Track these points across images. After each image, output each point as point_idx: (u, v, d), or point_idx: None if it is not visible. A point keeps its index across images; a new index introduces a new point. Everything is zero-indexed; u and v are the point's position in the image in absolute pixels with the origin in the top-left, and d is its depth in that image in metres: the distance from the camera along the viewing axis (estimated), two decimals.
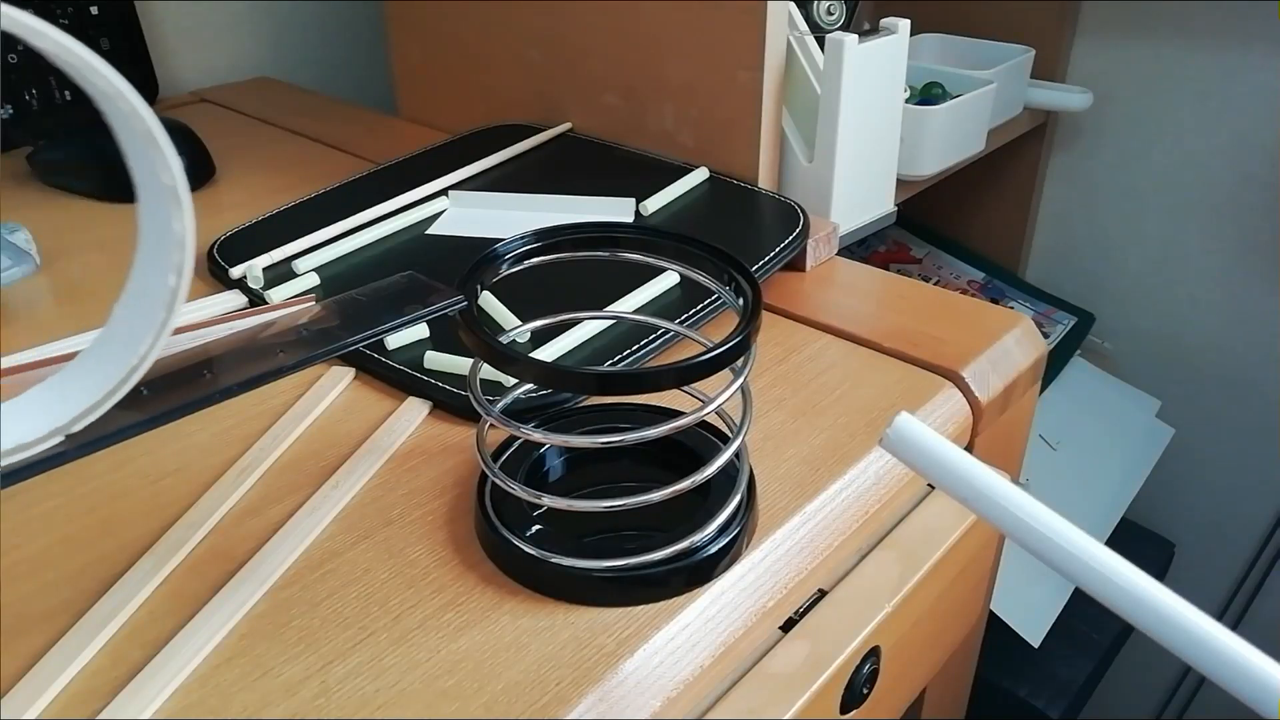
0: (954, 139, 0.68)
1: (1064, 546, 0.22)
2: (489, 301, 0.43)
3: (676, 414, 0.32)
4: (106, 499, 0.35)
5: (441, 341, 0.42)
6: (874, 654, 0.35)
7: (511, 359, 0.29)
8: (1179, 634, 0.21)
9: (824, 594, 0.36)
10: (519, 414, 0.37)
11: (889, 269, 0.87)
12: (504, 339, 0.35)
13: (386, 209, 0.53)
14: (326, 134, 0.70)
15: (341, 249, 0.49)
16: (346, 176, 0.59)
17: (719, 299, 0.43)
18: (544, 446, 0.36)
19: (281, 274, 0.48)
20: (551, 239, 0.34)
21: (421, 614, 0.30)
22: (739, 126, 0.54)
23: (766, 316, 0.48)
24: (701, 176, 0.55)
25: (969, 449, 0.42)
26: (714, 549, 0.32)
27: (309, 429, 0.39)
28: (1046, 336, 0.92)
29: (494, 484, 0.33)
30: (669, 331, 0.42)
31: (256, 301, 0.46)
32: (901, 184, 0.60)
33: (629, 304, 0.44)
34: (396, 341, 0.42)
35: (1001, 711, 0.80)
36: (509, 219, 0.53)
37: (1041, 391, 0.51)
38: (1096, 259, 0.94)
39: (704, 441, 0.36)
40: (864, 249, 1.00)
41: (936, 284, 0.95)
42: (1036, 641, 0.75)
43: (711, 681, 0.31)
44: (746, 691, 0.31)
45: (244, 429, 0.39)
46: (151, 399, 0.25)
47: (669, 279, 0.45)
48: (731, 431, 0.33)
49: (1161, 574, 0.96)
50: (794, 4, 0.52)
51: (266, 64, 0.85)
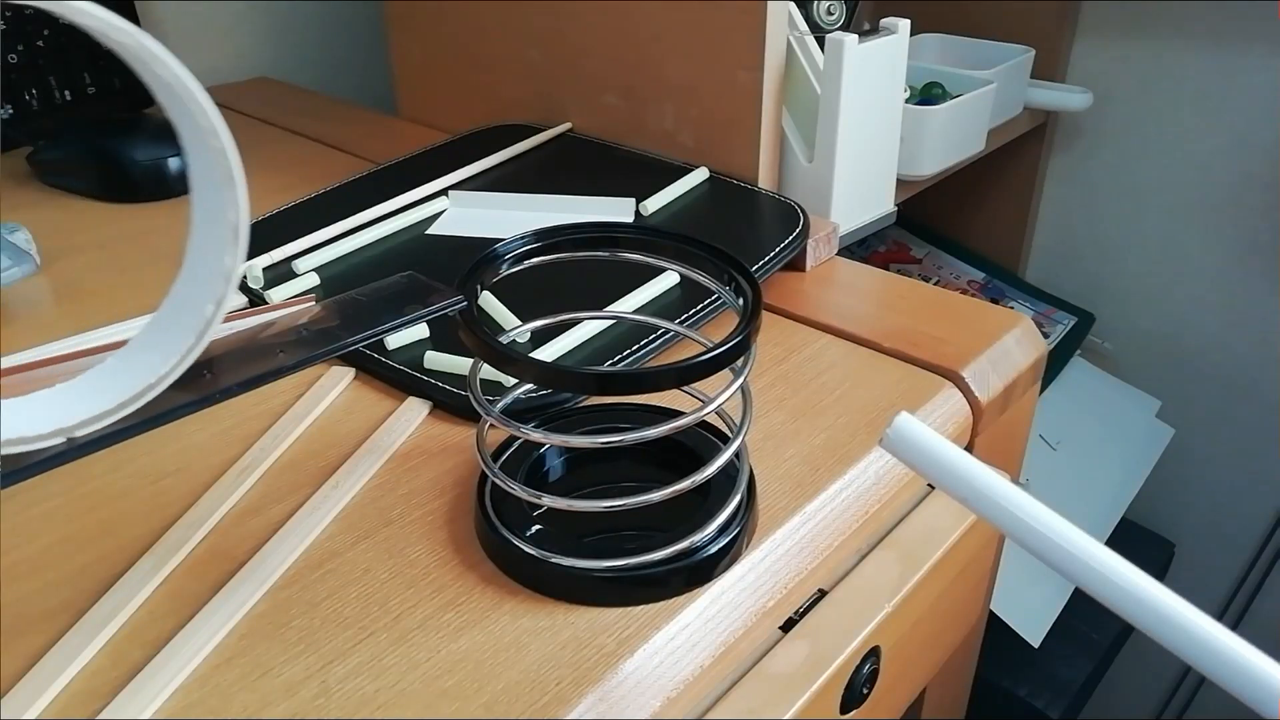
0: (954, 139, 0.68)
1: (1064, 546, 0.22)
2: (489, 301, 0.43)
3: (676, 414, 0.32)
4: (106, 499, 0.35)
5: (441, 341, 0.42)
6: (874, 654, 0.35)
7: (511, 359, 0.29)
8: (1179, 634, 0.21)
9: (824, 594, 0.35)
10: (519, 414, 0.37)
11: (889, 269, 0.87)
12: (504, 339, 0.35)
13: (386, 209, 0.53)
14: (326, 134, 0.70)
15: (341, 249, 0.49)
16: (346, 176, 0.59)
17: (719, 299, 0.43)
18: (544, 446, 0.36)
19: (281, 274, 0.48)
20: (551, 239, 0.34)
21: (421, 614, 0.30)
22: (739, 126, 0.54)
23: (766, 316, 0.48)
24: (701, 176, 0.55)
25: (969, 449, 0.42)
26: (714, 549, 0.32)
27: (309, 429, 0.39)
28: (1046, 336, 0.92)
29: (494, 484, 0.33)
30: (669, 331, 0.42)
31: (256, 301, 0.46)
32: (901, 184, 0.60)
33: (629, 304, 0.44)
34: (396, 341, 0.42)
35: (1001, 711, 0.80)
36: (509, 219, 0.53)
37: (1041, 391, 0.51)
38: (1096, 259, 0.94)
39: (704, 441, 0.36)
40: (864, 249, 1.00)
41: (936, 284, 0.95)
42: (1036, 641, 0.75)
43: (711, 681, 0.31)
44: (746, 691, 0.31)
45: (244, 429, 0.39)
46: (151, 399, 0.25)
47: (669, 279, 0.45)
48: (731, 431, 0.33)
49: (1161, 574, 0.96)
50: (794, 4, 0.52)
51: (266, 64, 0.85)
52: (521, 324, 0.38)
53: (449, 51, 0.69)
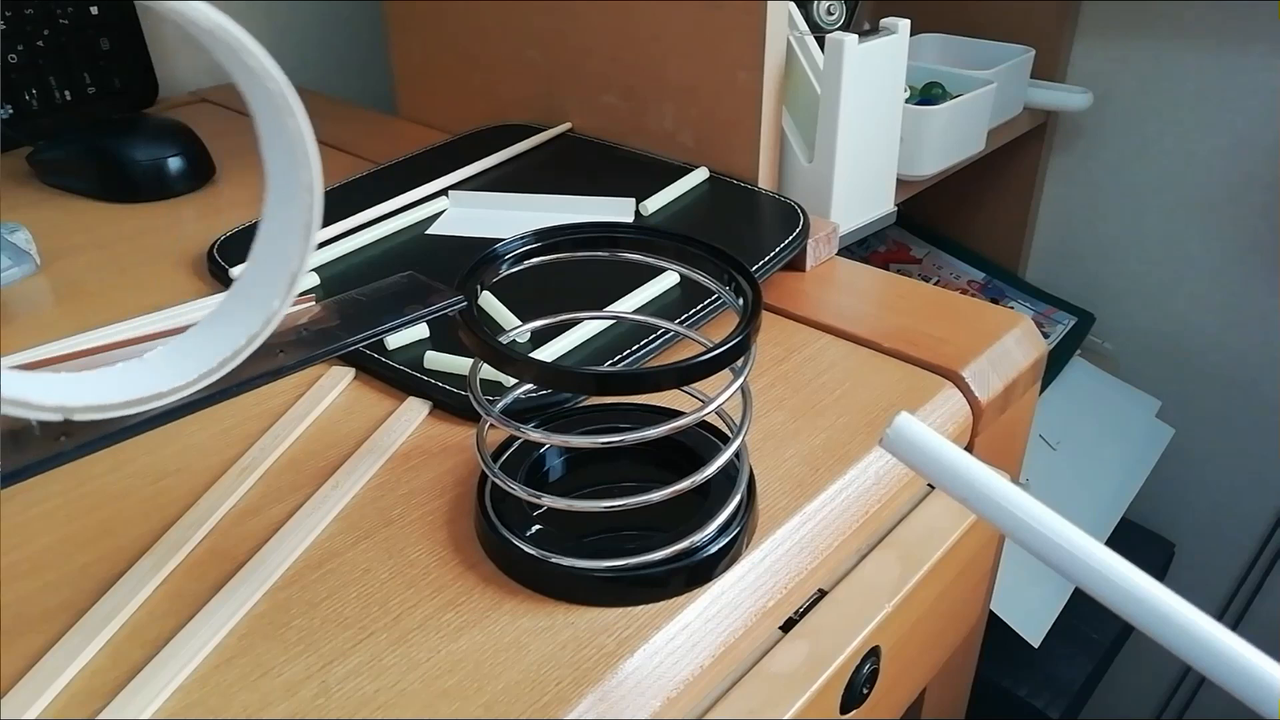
0: (954, 139, 0.68)
1: (1064, 546, 0.22)
2: (489, 301, 0.43)
3: (676, 414, 0.32)
4: (106, 499, 0.35)
5: (441, 341, 0.42)
6: (874, 654, 0.35)
7: (511, 359, 0.29)
8: (1179, 634, 0.21)
9: (824, 594, 0.35)
10: (519, 414, 0.37)
11: (889, 269, 0.87)
12: (504, 339, 0.35)
13: (386, 209, 0.53)
14: (326, 134, 0.70)
15: (341, 249, 0.49)
16: (346, 176, 0.59)
17: (719, 299, 0.43)
18: (544, 446, 0.36)
19: None
20: (551, 239, 0.34)
21: (421, 614, 0.30)
22: (739, 126, 0.54)
23: (766, 316, 0.48)
24: (701, 176, 0.55)
25: (969, 449, 0.42)
26: (714, 549, 0.32)
27: (309, 429, 0.39)
28: (1046, 336, 0.92)
29: (494, 484, 0.33)
30: (669, 331, 0.42)
31: None
32: (901, 184, 0.60)
33: (629, 304, 0.44)
34: (396, 341, 0.42)
35: (1001, 711, 0.80)
36: (509, 219, 0.53)
37: (1041, 391, 0.51)
38: (1096, 259, 0.94)
39: (704, 441, 0.36)
40: (864, 249, 1.00)
41: (936, 284, 0.95)
42: (1036, 641, 0.75)
43: (711, 681, 0.31)
44: (746, 691, 0.31)
45: (244, 429, 0.39)
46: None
47: (669, 279, 0.45)
48: (731, 431, 0.33)
49: (1161, 574, 0.96)
50: (794, 4, 0.52)
51: None
52: (521, 324, 0.38)
53: (449, 51, 0.69)
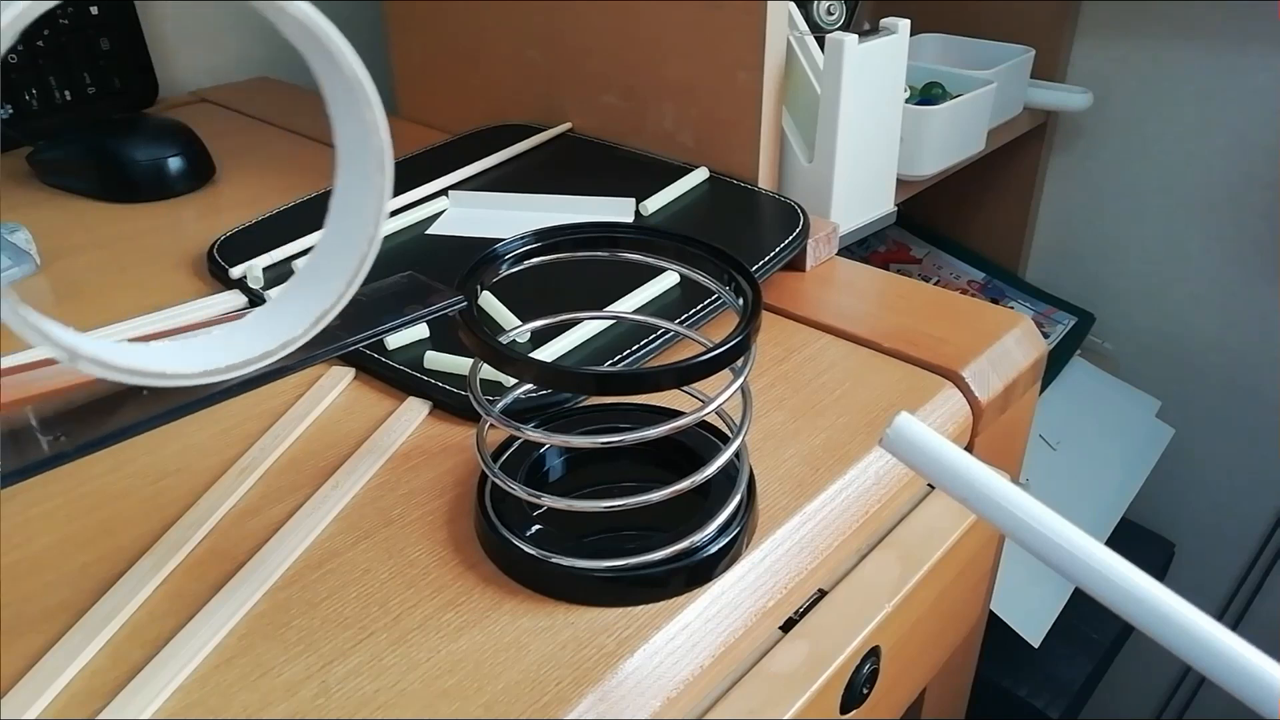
0: (954, 139, 0.68)
1: (1064, 546, 0.22)
2: (489, 301, 0.43)
3: (676, 414, 0.32)
4: (106, 499, 0.35)
5: (441, 341, 0.42)
6: (874, 654, 0.35)
7: (511, 359, 0.29)
8: (1179, 634, 0.21)
9: (824, 594, 0.35)
10: (519, 414, 0.37)
11: (889, 269, 0.87)
12: (504, 339, 0.35)
13: (386, 209, 0.53)
14: (326, 134, 0.70)
15: None
16: None
17: (719, 299, 0.43)
18: (544, 446, 0.36)
19: (281, 274, 0.48)
20: (551, 239, 0.34)
21: (421, 614, 0.30)
22: (739, 126, 0.54)
23: (766, 316, 0.48)
24: (701, 176, 0.55)
25: (969, 449, 0.42)
26: (714, 549, 0.32)
27: (309, 429, 0.39)
28: (1046, 336, 0.92)
29: (494, 484, 0.33)
30: (669, 331, 0.42)
31: (256, 301, 0.46)
32: (901, 184, 0.60)
33: (629, 304, 0.44)
34: (396, 341, 0.42)
35: (1001, 711, 0.80)
36: (509, 219, 0.53)
37: (1041, 391, 0.51)
38: (1096, 259, 0.94)
39: (704, 441, 0.36)
40: (864, 249, 1.00)
41: (936, 284, 0.95)
42: (1036, 641, 0.75)
43: (711, 681, 0.31)
44: (746, 691, 0.31)
45: (244, 429, 0.39)
46: (151, 399, 0.25)
47: (669, 279, 0.45)
48: (731, 431, 0.33)
49: (1161, 574, 0.96)
50: (794, 4, 0.52)
51: (266, 64, 0.85)
52: (521, 324, 0.38)
53: (449, 51, 0.69)
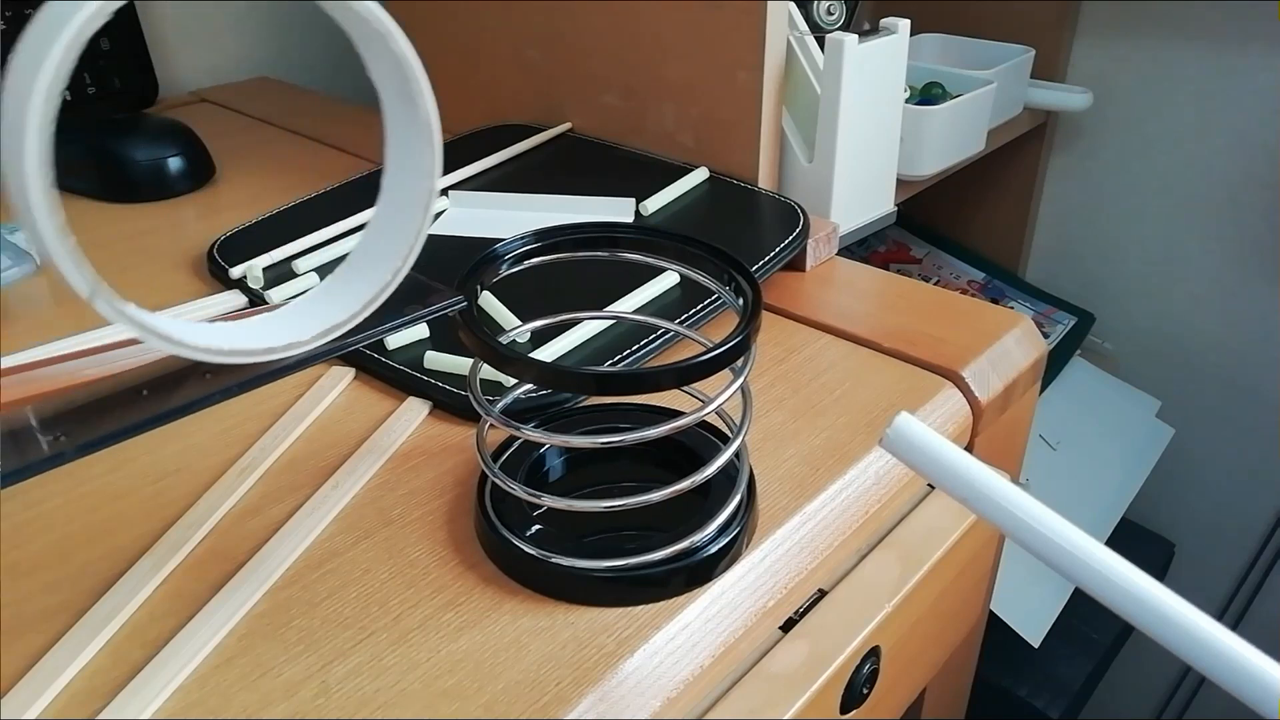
0: (954, 139, 0.68)
1: (1064, 546, 0.22)
2: (489, 301, 0.43)
3: (676, 414, 0.32)
4: (106, 499, 0.35)
5: (441, 341, 0.42)
6: (874, 654, 0.35)
7: (511, 359, 0.29)
8: (1179, 634, 0.21)
9: (824, 594, 0.35)
10: (519, 414, 0.37)
11: (889, 269, 0.87)
12: (504, 339, 0.35)
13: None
14: (326, 134, 0.70)
15: (341, 249, 0.49)
16: (346, 176, 0.59)
17: (719, 299, 0.43)
18: (544, 446, 0.36)
19: (281, 274, 0.48)
20: (551, 239, 0.34)
21: (421, 614, 0.30)
22: (739, 126, 0.54)
23: (766, 316, 0.48)
24: (701, 176, 0.55)
25: (969, 449, 0.42)
26: (714, 549, 0.32)
27: (309, 429, 0.39)
28: (1046, 336, 0.92)
29: (494, 484, 0.33)
30: (669, 331, 0.42)
31: (256, 301, 0.46)
32: (901, 184, 0.60)
33: (629, 304, 0.44)
34: (396, 341, 0.42)
35: (1001, 711, 0.80)
36: (509, 219, 0.53)
37: (1041, 391, 0.51)
38: (1096, 259, 0.94)
39: (704, 441, 0.36)
40: (864, 249, 1.00)
41: (936, 284, 0.95)
42: (1036, 641, 0.75)
43: (711, 681, 0.31)
44: (746, 691, 0.31)
45: (244, 429, 0.39)
46: (151, 399, 0.25)
47: (669, 279, 0.45)
48: (731, 431, 0.33)
49: (1161, 574, 0.96)
50: (794, 4, 0.52)
51: (266, 64, 0.85)
52: (521, 324, 0.38)
53: (449, 51, 0.69)
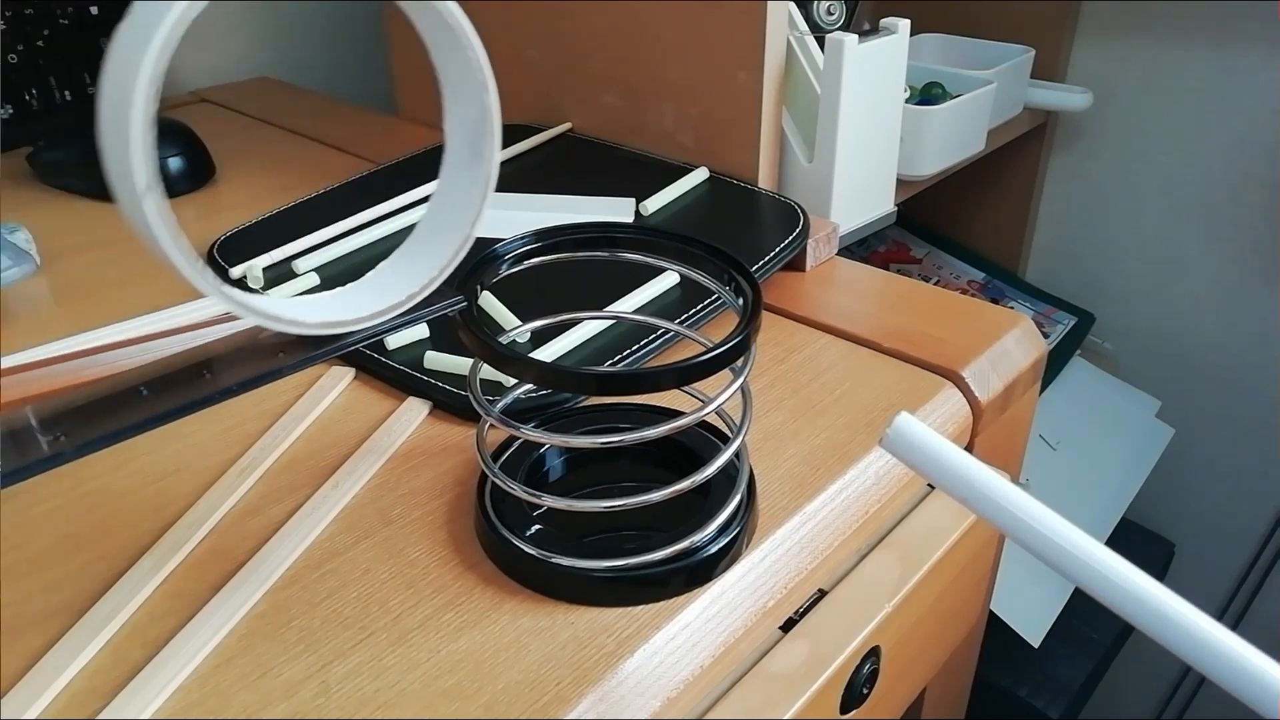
0: (954, 139, 0.68)
1: (1064, 546, 0.22)
2: (489, 301, 0.43)
3: (676, 414, 0.32)
4: (106, 499, 0.35)
5: (441, 341, 0.42)
6: (874, 654, 0.35)
7: (511, 359, 0.29)
8: (1179, 634, 0.21)
9: (824, 594, 0.35)
10: (519, 414, 0.37)
11: (889, 269, 0.87)
12: (504, 339, 0.35)
13: (386, 209, 0.53)
14: (326, 134, 0.70)
15: (341, 249, 0.49)
16: (346, 176, 0.59)
17: (719, 299, 0.43)
18: (544, 446, 0.36)
19: (281, 274, 0.48)
20: (551, 239, 0.34)
21: (421, 614, 0.30)
22: (739, 126, 0.54)
23: (766, 316, 0.48)
24: (701, 176, 0.55)
25: (969, 449, 0.42)
26: (714, 549, 0.32)
27: (309, 429, 0.39)
28: (1046, 336, 0.92)
29: (494, 484, 0.33)
30: (669, 331, 0.42)
31: None
32: (901, 184, 0.60)
33: (629, 304, 0.44)
34: (396, 341, 0.42)
35: (1001, 711, 0.80)
36: (509, 219, 0.53)
37: (1041, 391, 0.51)
38: (1096, 259, 0.94)
39: (704, 441, 0.36)
40: (864, 249, 0.99)
41: (936, 284, 0.95)
42: (1036, 641, 0.75)
43: (711, 681, 0.31)
44: (746, 691, 0.31)
45: (244, 429, 0.39)
46: (151, 399, 0.25)
47: (669, 279, 0.45)
48: (731, 431, 0.33)
49: (1161, 574, 0.96)
50: (794, 4, 0.52)
51: (266, 64, 0.85)
52: (521, 324, 0.38)
53: None
